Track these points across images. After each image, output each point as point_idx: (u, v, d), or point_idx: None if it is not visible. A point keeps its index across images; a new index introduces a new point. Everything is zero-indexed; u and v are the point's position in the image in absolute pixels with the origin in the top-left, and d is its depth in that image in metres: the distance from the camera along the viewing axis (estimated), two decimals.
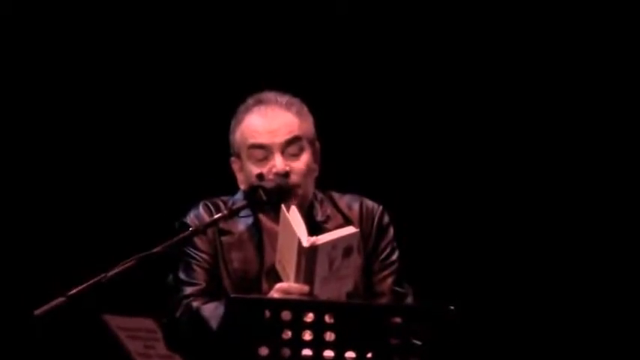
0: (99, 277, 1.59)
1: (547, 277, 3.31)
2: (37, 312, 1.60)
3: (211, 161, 2.31)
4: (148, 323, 1.69)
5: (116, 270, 1.60)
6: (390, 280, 1.87)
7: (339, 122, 2.90)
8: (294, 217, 1.70)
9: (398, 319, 1.51)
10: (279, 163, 1.80)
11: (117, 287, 1.69)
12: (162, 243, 1.69)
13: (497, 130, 3.52)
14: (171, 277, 1.90)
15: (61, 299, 1.60)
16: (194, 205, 1.92)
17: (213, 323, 1.71)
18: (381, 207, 1.95)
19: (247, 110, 1.85)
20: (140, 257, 1.60)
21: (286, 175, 1.80)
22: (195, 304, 1.79)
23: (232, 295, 1.70)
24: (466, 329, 2.05)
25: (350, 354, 1.46)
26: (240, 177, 1.89)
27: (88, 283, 1.60)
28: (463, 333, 1.89)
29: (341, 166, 2.34)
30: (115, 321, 1.63)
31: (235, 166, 1.91)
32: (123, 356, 1.69)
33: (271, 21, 3.66)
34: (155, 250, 1.64)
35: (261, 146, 1.83)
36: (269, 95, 1.89)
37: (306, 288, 1.64)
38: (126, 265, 1.59)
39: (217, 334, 1.70)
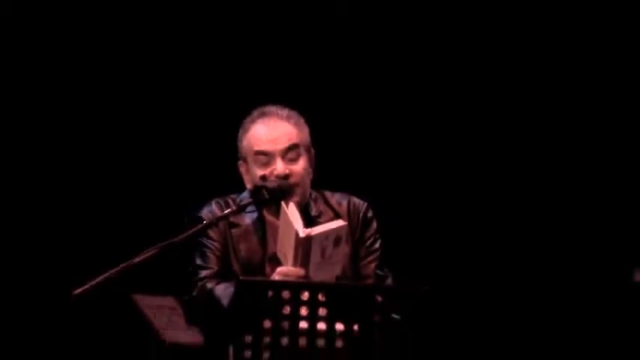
0: (128, 262, 1.75)
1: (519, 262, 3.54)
2: (76, 292, 1.76)
3: (222, 164, 2.43)
4: (170, 301, 1.95)
5: (142, 256, 1.76)
6: (373, 265, 2.03)
7: (331, 131, 2.99)
8: (292, 212, 1.84)
9: (379, 298, 1.68)
10: (279, 167, 1.96)
11: (143, 271, 1.88)
12: (180, 234, 1.85)
13: (461, 126, 3.72)
14: (189, 263, 2.04)
15: (96, 281, 1.75)
16: (207, 202, 2.07)
17: (225, 301, 1.86)
18: (366, 203, 2.11)
19: (252, 121, 2.01)
20: (162, 246, 1.75)
21: (286, 177, 1.95)
22: (209, 285, 1.94)
23: (241, 278, 1.86)
24: (440, 307, 2.31)
25: (339, 326, 1.62)
26: (246, 178, 2.04)
27: (119, 267, 1.75)
28: (437, 309, 2.06)
29: (331, 170, 2.41)
30: (142, 300, 1.87)
31: (242, 169, 2.06)
32: (149, 330, 1.93)
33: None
34: (175, 239, 1.79)
35: (264, 153, 1.98)
36: (271, 108, 2.05)
37: (302, 271, 1.80)
38: (150, 253, 1.75)
39: (228, 310, 1.84)
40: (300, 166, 2.02)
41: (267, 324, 1.62)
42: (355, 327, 1.63)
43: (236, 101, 3.07)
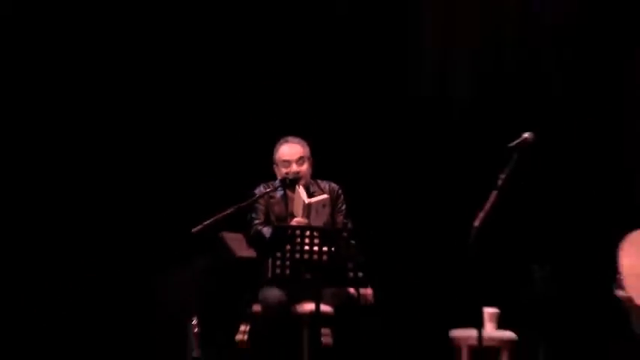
0: (222, 214, 2.87)
1: None
2: (194, 230, 2.84)
3: (266, 166, 3.46)
4: (239, 235, 3.16)
5: (227, 211, 2.91)
6: (341, 217, 3.30)
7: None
8: (301, 191, 3.09)
9: (345, 234, 2.86)
10: (294, 168, 3.20)
11: (225, 220, 2.93)
12: (244, 202, 3.04)
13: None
14: (248, 216, 3.24)
15: (206, 222, 2.83)
16: (258, 184, 3.32)
17: (267, 235, 3.08)
18: (338, 186, 3.37)
19: (280, 144, 3.29)
20: (237, 207, 2.96)
21: (297, 173, 3.19)
22: (259, 227, 3.18)
23: (275, 225, 3.16)
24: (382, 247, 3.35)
25: (325, 248, 2.70)
26: (277, 173, 3.27)
27: (217, 216, 2.86)
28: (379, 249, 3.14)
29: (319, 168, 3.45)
30: (226, 235, 3.07)
31: (275, 169, 3.29)
32: (230, 253, 3.04)
33: None
34: (243, 204, 3.02)
35: (286, 160, 3.23)
36: (289, 138, 3.31)
37: (306, 221, 3.01)
38: (231, 210, 2.92)
39: (269, 241, 3.01)
40: (305, 167, 3.26)
41: (288, 247, 2.69)
42: (332, 249, 2.71)
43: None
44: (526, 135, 2.63)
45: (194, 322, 3.15)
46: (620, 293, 3.13)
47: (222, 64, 4.41)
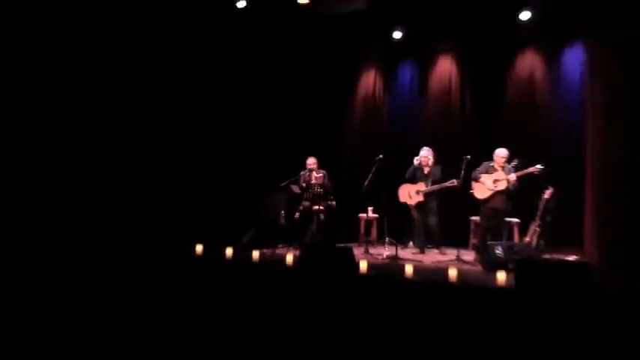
0: (284, 184, 8.80)
1: None
2: (281, 184, 8.71)
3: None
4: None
5: (285, 182, 8.79)
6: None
7: None
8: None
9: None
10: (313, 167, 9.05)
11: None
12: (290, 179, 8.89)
13: None
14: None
15: (284, 183, 8.73)
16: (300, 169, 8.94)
17: None
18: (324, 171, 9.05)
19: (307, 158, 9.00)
20: (289, 181, 8.93)
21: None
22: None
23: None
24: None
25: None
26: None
27: (288, 181, 8.71)
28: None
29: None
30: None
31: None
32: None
33: None
34: (294, 178, 9.04)
35: (309, 165, 8.92)
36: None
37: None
38: (287, 182, 8.81)
39: None
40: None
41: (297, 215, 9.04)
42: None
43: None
44: None
45: (282, 217, 8.98)
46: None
47: None
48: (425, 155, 8.62)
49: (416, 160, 8.70)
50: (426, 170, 8.60)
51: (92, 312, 4.13)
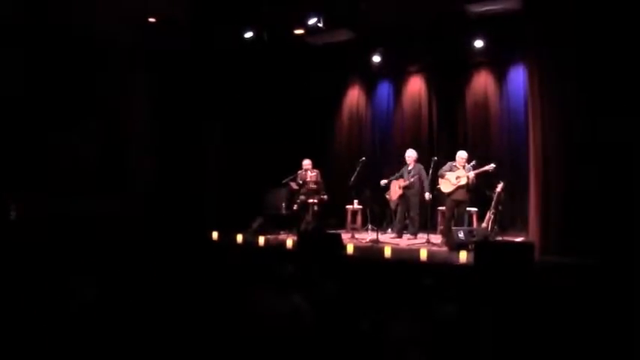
0: (286, 180, 8.94)
1: None
2: (284, 181, 8.80)
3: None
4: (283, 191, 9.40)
5: (286, 180, 8.90)
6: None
7: None
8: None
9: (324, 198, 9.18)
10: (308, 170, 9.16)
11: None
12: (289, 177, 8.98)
13: None
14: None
15: (285, 180, 8.85)
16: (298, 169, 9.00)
17: None
18: (317, 170, 9.02)
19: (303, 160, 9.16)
20: (289, 179, 8.98)
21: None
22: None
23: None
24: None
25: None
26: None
27: (287, 179, 8.81)
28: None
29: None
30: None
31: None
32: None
33: None
34: (293, 176, 9.08)
35: (304, 165, 9.04)
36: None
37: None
38: (289, 178, 9.01)
39: None
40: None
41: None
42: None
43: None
44: None
45: (283, 209, 9.14)
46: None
47: None
48: (408, 155, 8.60)
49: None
50: (409, 168, 8.56)
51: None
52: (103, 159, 8.11)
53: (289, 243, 7.26)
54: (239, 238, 7.65)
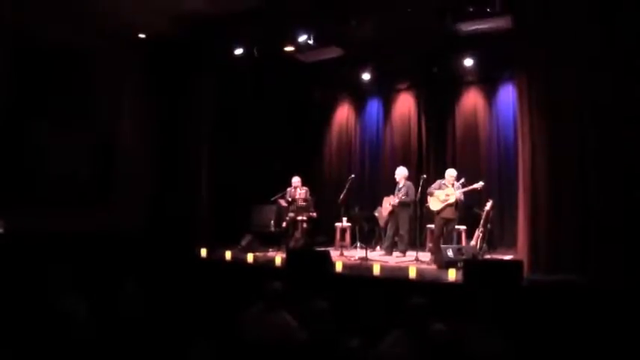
0: (279, 195, 8.86)
1: None
2: (272, 198, 8.86)
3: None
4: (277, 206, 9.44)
5: (275, 197, 8.86)
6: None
7: None
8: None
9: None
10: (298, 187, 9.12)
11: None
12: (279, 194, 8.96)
13: None
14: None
15: (277, 196, 8.86)
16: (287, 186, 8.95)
17: None
18: (306, 188, 8.94)
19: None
20: (278, 196, 8.96)
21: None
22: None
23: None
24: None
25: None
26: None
27: (277, 196, 8.77)
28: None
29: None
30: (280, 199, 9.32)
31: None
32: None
33: None
34: (282, 193, 9.13)
35: (293, 183, 9.09)
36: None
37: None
38: (278, 195, 8.93)
39: None
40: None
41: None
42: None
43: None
44: None
45: (272, 226, 9.12)
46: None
47: None
48: (397, 173, 8.57)
49: None
50: (399, 186, 8.53)
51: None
52: (91, 175, 8.27)
53: (278, 260, 7.26)
54: (228, 255, 7.63)
